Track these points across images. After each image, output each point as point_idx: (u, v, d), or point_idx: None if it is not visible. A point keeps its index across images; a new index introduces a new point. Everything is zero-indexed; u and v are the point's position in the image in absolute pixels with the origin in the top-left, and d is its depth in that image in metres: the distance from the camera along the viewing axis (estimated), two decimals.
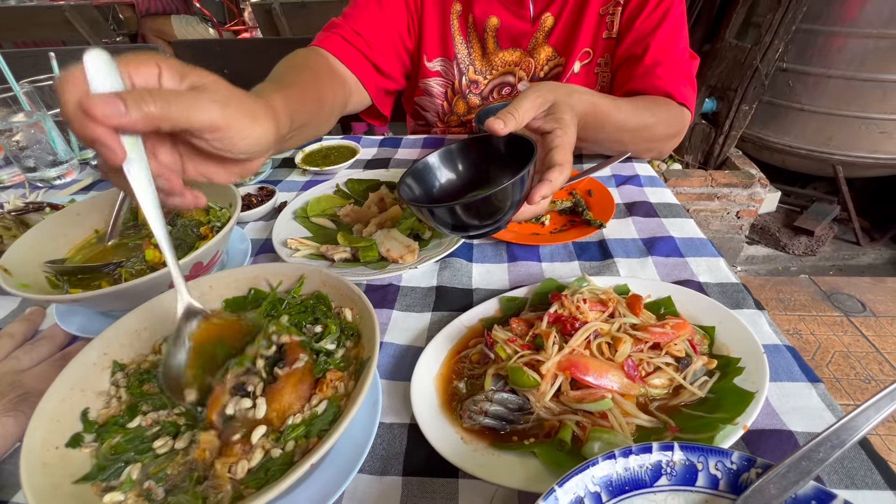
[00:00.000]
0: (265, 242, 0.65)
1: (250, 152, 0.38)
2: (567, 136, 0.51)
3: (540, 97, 0.52)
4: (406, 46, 0.88)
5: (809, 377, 0.42)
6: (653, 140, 0.76)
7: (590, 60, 0.85)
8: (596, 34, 0.82)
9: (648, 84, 0.76)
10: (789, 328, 1.80)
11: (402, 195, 0.50)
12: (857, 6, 1.82)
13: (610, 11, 0.80)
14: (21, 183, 0.86)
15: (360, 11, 0.81)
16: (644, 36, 0.77)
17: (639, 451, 0.28)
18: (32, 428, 0.31)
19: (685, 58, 0.78)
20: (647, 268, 0.56)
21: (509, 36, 0.85)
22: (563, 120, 0.52)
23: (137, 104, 0.29)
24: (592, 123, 0.62)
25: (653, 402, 0.39)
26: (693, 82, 0.79)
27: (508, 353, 0.40)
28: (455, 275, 0.57)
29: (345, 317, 0.40)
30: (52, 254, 0.54)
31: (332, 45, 0.78)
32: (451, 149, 0.56)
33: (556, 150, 0.50)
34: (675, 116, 0.75)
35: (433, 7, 0.85)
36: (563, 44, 0.85)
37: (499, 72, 0.89)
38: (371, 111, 0.91)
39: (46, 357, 0.45)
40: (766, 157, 2.34)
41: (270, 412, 0.31)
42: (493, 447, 0.36)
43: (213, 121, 0.33)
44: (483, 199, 0.44)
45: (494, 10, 0.83)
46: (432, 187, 0.55)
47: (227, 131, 0.34)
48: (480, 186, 0.56)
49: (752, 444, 0.36)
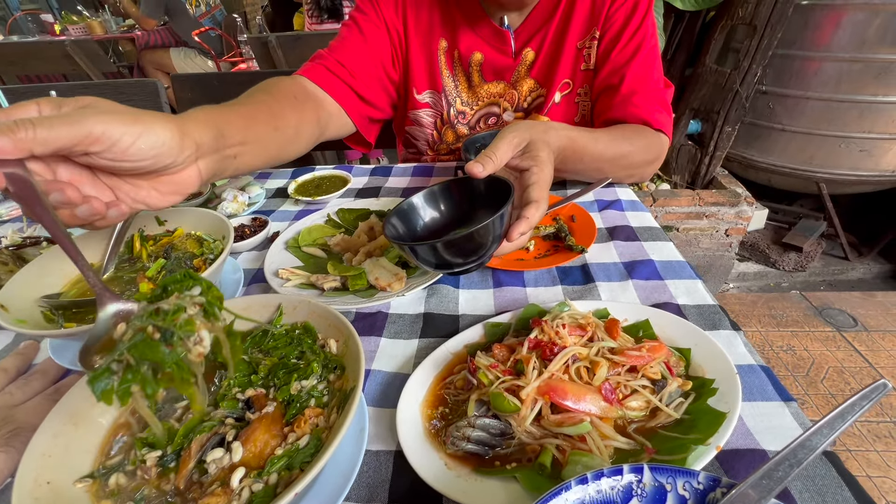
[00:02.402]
0: (258, 272, 0.67)
1: (150, 156, 0.38)
2: (543, 174, 0.53)
3: (516, 137, 0.55)
4: (391, 77, 0.91)
5: (783, 396, 0.43)
6: (632, 167, 0.79)
7: (570, 91, 0.89)
8: (574, 66, 0.86)
9: (626, 112, 0.80)
10: (783, 344, 1.81)
11: (387, 234, 0.52)
12: (828, 33, 1.90)
13: (587, 45, 0.84)
14: (19, 217, 0.87)
15: (343, 43, 0.85)
16: (619, 67, 0.81)
17: (610, 473, 0.29)
18: (25, 464, 0.32)
19: (660, 86, 0.82)
20: (628, 291, 0.58)
21: (493, 70, 0.89)
22: (540, 157, 0.54)
23: (4, 133, 0.31)
24: (571, 156, 0.65)
25: (631, 424, 0.40)
26: (669, 109, 0.82)
27: (490, 379, 0.41)
28: (442, 301, 0.59)
29: (329, 349, 0.41)
30: (48, 288, 0.55)
31: (314, 75, 0.82)
32: (434, 190, 0.59)
33: (532, 188, 0.52)
34: (653, 143, 0.79)
35: (418, 44, 0.90)
36: (543, 76, 0.89)
37: (484, 103, 0.93)
38: (355, 137, 0.95)
39: (40, 391, 0.46)
40: (752, 176, 2.40)
41: (247, 454, 0.32)
42: (476, 472, 0.37)
43: (89, 131, 0.34)
44: (463, 237, 0.46)
45: (478, 46, 0.87)
46: (416, 226, 0.58)
47: (108, 138, 0.35)
48: (462, 225, 0.58)
49: (726, 464, 0.38)
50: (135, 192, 0.40)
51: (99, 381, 0.29)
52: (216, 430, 0.34)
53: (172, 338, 0.30)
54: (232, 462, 0.32)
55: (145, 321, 0.30)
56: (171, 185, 0.42)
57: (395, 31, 0.88)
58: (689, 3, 1.95)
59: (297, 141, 0.72)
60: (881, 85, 1.88)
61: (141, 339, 0.30)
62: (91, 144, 0.35)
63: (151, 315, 0.31)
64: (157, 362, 0.29)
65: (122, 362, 0.29)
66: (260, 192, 0.89)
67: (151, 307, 0.31)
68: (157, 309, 0.31)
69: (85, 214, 0.38)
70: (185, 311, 0.31)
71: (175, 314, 0.30)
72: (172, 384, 0.30)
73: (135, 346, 0.29)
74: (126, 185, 0.40)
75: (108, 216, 0.40)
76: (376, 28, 0.87)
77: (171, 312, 0.30)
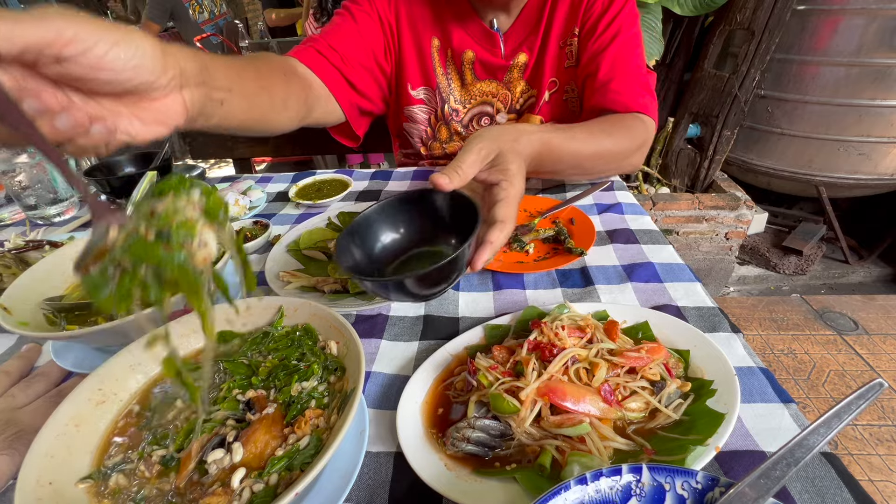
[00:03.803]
0: (259, 275, 0.67)
1: (129, 68, 0.35)
2: (513, 189, 0.50)
3: (483, 149, 0.51)
4: (382, 69, 0.90)
5: (782, 398, 0.43)
6: (616, 160, 0.77)
7: (556, 89, 0.90)
8: (559, 64, 0.87)
9: (606, 99, 0.79)
10: (784, 348, 1.81)
11: (338, 260, 0.46)
12: (826, 37, 1.92)
13: (568, 42, 0.86)
14: (21, 221, 0.88)
15: (336, 29, 0.85)
16: (596, 55, 0.81)
17: (609, 473, 0.29)
18: (27, 465, 0.32)
19: (641, 72, 0.82)
20: (627, 293, 0.58)
21: (485, 68, 0.90)
22: (509, 171, 0.51)
23: None
24: (547, 158, 0.64)
25: (630, 425, 0.40)
26: (651, 92, 0.82)
27: (490, 381, 0.42)
28: (442, 304, 0.59)
29: (330, 350, 0.41)
30: (51, 291, 0.55)
31: (304, 56, 0.80)
32: (393, 202, 0.53)
33: (499, 205, 0.49)
34: (636, 129, 0.78)
35: (410, 39, 0.90)
36: (533, 77, 0.90)
37: (477, 101, 0.93)
38: (343, 128, 0.92)
39: (42, 394, 0.46)
40: (751, 180, 2.41)
41: (247, 454, 0.32)
42: (476, 474, 0.37)
43: (59, 30, 0.30)
44: (420, 276, 0.42)
45: (469, 44, 0.88)
46: (373, 247, 0.52)
47: (81, 41, 0.31)
48: (423, 244, 0.53)
49: (725, 465, 0.38)
50: (115, 118, 0.37)
51: (97, 289, 0.27)
52: (217, 431, 0.35)
53: (170, 239, 0.27)
54: (233, 462, 0.32)
55: (138, 223, 0.28)
56: (155, 114, 0.39)
57: (388, 24, 0.88)
58: (688, 9, 1.97)
59: (285, 111, 0.70)
60: (879, 89, 1.89)
61: (135, 240, 0.27)
62: (63, 47, 0.31)
63: (146, 218, 0.28)
64: (156, 265, 0.27)
65: (117, 266, 0.27)
66: (261, 196, 0.90)
67: (146, 208, 0.29)
68: (151, 211, 0.28)
69: (66, 126, 0.34)
70: (181, 212, 0.28)
71: (172, 216, 0.28)
72: (179, 290, 0.28)
73: (129, 249, 0.27)
74: (104, 110, 0.36)
75: (92, 133, 0.36)
76: (369, 18, 0.86)
77: (166, 214, 0.28)
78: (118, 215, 0.29)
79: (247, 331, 0.46)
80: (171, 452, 0.34)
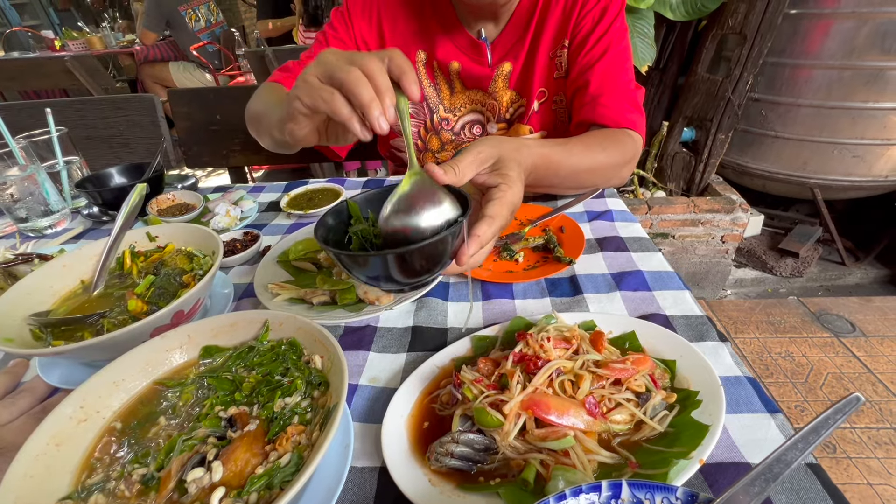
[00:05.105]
0: (248, 287, 0.67)
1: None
2: (510, 191, 0.50)
3: (482, 153, 0.52)
4: None
5: (769, 408, 0.43)
6: (608, 173, 0.78)
7: (546, 99, 0.90)
8: (548, 75, 0.88)
9: (595, 114, 0.80)
10: (781, 351, 1.81)
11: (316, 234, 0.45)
12: (818, 41, 1.93)
13: (558, 54, 0.86)
14: (12, 234, 0.88)
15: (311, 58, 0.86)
16: (586, 69, 0.82)
17: (588, 489, 0.29)
18: (5, 486, 0.32)
19: (630, 87, 0.82)
20: (616, 302, 0.58)
21: (471, 78, 0.91)
22: (509, 176, 0.51)
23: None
24: (545, 172, 0.65)
25: (615, 437, 0.40)
26: (640, 109, 0.82)
27: (475, 394, 0.42)
28: (431, 314, 0.59)
29: (314, 365, 0.41)
30: (38, 306, 0.55)
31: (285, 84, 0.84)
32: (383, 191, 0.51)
33: (491, 203, 0.49)
34: (627, 145, 0.79)
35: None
36: (521, 87, 0.90)
37: (467, 109, 0.94)
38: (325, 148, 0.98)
39: (27, 410, 0.46)
40: (746, 183, 2.41)
41: (227, 473, 0.32)
42: (460, 489, 0.37)
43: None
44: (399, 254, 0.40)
45: (455, 55, 0.89)
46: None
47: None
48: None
49: (710, 478, 0.37)
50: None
51: None
52: (197, 449, 0.34)
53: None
54: (212, 482, 0.32)
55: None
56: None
57: (368, 47, 0.90)
58: (681, 14, 1.98)
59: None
60: (872, 91, 1.90)
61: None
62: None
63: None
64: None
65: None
66: (252, 207, 0.90)
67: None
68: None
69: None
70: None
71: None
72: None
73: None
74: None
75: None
76: (343, 46, 0.88)
77: None
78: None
79: (232, 345, 0.46)
80: (151, 471, 0.34)
